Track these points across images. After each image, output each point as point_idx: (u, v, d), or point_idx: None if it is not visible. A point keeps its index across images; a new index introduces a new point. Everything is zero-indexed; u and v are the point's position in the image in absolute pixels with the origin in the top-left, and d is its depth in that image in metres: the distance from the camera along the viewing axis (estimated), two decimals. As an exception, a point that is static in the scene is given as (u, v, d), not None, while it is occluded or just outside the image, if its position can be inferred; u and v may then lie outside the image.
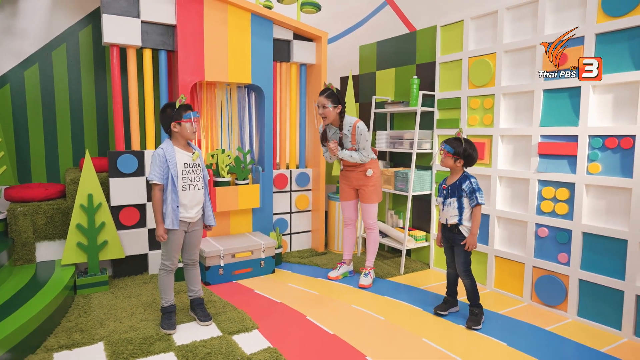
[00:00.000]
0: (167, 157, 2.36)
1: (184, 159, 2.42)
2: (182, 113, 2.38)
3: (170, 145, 2.42)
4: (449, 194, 2.54)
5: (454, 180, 2.53)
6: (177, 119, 2.39)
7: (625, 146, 2.38)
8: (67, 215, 3.20)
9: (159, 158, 2.36)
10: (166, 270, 2.46)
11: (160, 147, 2.40)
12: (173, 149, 2.41)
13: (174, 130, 2.41)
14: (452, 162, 2.51)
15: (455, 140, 2.51)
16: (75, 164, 3.75)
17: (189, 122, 2.39)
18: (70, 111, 3.70)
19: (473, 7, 3.27)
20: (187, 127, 2.40)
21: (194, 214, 2.45)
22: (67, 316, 2.60)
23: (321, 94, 3.05)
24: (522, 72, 2.87)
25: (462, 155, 2.47)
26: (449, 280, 2.71)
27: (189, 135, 2.42)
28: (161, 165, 2.35)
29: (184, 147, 2.46)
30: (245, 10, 3.47)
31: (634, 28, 2.33)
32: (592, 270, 2.55)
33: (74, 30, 3.68)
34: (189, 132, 2.41)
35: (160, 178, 2.36)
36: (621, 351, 2.29)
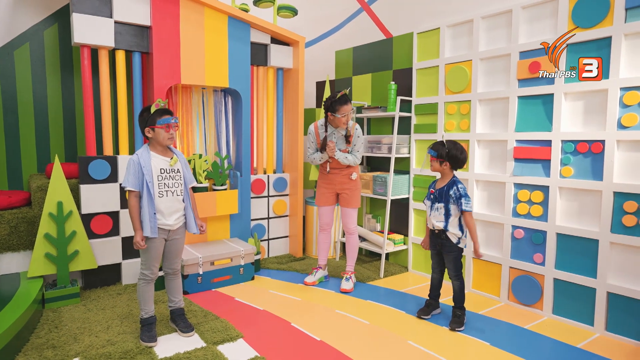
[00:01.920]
0: (141, 162, 2.26)
1: (160, 164, 2.32)
2: (157, 118, 2.27)
3: (147, 151, 2.32)
4: (437, 199, 2.58)
5: (443, 185, 2.57)
6: (151, 124, 2.28)
7: (595, 151, 2.50)
8: (33, 225, 3.02)
9: (133, 164, 2.26)
10: (145, 280, 2.36)
11: (136, 153, 2.30)
12: (149, 154, 2.31)
13: (148, 135, 2.31)
14: (438, 165, 2.55)
15: (438, 143, 2.55)
16: (40, 170, 3.55)
17: (163, 128, 2.28)
18: (34, 114, 3.50)
19: (449, 14, 3.36)
20: (161, 134, 2.29)
21: (173, 221, 2.37)
22: (37, 332, 2.44)
23: (347, 103, 3.00)
24: (497, 80, 2.97)
25: (446, 157, 2.51)
26: (433, 284, 2.75)
27: (163, 141, 2.31)
28: (135, 171, 2.26)
29: (162, 152, 2.36)
30: (222, 13, 3.41)
31: (603, 39, 2.46)
32: (565, 269, 2.66)
33: (38, 29, 3.49)
34: (163, 138, 2.30)
35: (135, 184, 2.26)
36: (595, 346, 2.40)
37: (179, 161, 2.40)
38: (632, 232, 2.38)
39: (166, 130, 2.28)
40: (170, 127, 2.29)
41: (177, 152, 2.45)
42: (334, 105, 3.00)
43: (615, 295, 2.46)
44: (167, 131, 2.29)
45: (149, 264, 2.35)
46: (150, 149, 2.33)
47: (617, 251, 2.45)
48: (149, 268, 2.35)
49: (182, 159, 2.46)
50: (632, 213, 2.37)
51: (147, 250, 2.33)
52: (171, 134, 2.31)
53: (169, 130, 2.29)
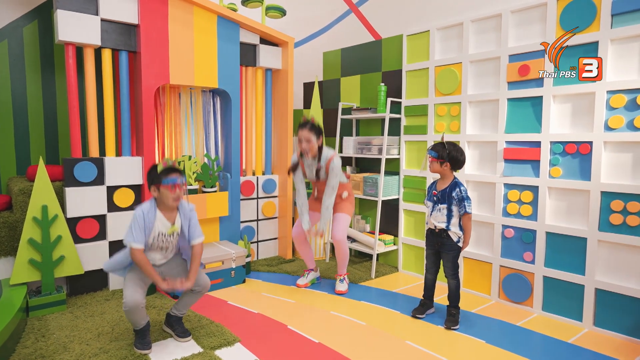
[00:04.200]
0: (146, 220, 2.18)
1: (160, 227, 2.24)
2: (162, 177, 2.17)
3: (153, 208, 2.22)
4: (440, 200, 2.60)
5: (445, 186, 2.59)
6: (157, 183, 2.19)
7: (583, 151, 2.58)
8: (14, 230, 2.90)
9: (138, 219, 2.17)
10: (125, 310, 2.17)
11: (141, 208, 2.20)
12: (155, 214, 2.22)
13: (154, 195, 2.23)
14: (438, 166, 2.57)
15: (438, 144, 2.58)
16: (20, 173, 3.41)
17: (168, 189, 2.17)
18: (13, 114, 3.36)
19: (437, 17, 3.41)
20: (166, 194, 2.19)
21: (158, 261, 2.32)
22: (22, 342, 2.34)
23: (303, 127, 2.92)
24: (487, 82, 3.03)
25: (447, 158, 2.54)
26: (427, 285, 2.78)
27: (169, 203, 2.21)
28: (141, 227, 2.16)
29: (167, 211, 2.25)
30: (211, 12, 3.36)
31: (589, 44, 2.54)
32: (555, 267, 2.74)
33: (17, 25, 3.36)
34: (168, 199, 2.20)
35: (142, 240, 2.17)
36: (584, 341, 2.47)
37: (178, 227, 2.29)
38: (619, 230, 2.46)
39: (171, 190, 2.18)
40: (176, 187, 2.19)
41: (184, 208, 2.31)
42: (297, 129, 2.97)
43: (603, 292, 2.54)
44: (172, 192, 2.18)
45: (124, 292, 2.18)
46: (157, 207, 2.24)
47: (604, 249, 2.54)
48: (124, 297, 2.16)
49: (187, 215, 2.32)
50: (619, 212, 2.46)
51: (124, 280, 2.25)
52: (177, 195, 2.21)
53: (174, 190, 2.19)
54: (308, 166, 3.10)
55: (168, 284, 2.22)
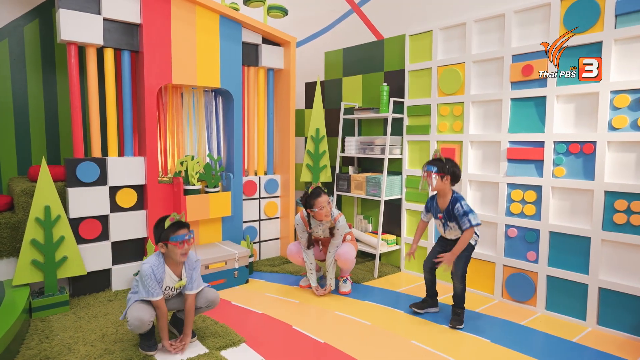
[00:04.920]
0: (156, 276, 2.18)
1: (168, 282, 2.24)
2: (170, 234, 2.15)
3: (162, 265, 2.22)
4: (447, 219, 2.61)
5: (447, 205, 2.59)
6: (164, 239, 2.16)
7: (587, 151, 2.59)
8: (17, 230, 2.88)
9: (149, 276, 2.16)
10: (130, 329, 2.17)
11: (149, 265, 2.18)
12: (164, 270, 2.22)
13: (161, 251, 2.21)
14: (440, 181, 2.54)
15: (435, 160, 2.59)
16: (21, 173, 3.39)
17: (176, 245, 2.15)
18: (14, 114, 3.34)
19: (439, 17, 3.41)
20: (175, 251, 2.17)
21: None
22: (27, 343, 2.33)
23: (321, 194, 2.94)
24: (490, 82, 3.04)
25: (447, 172, 2.53)
26: (428, 285, 2.80)
27: (177, 259, 2.20)
28: (153, 282, 2.16)
29: (174, 265, 2.25)
30: (214, 12, 3.34)
31: (593, 44, 2.55)
32: (558, 266, 2.75)
33: (17, 24, 3.34)
34: (176, 254, 2.18)
35: (159, 292, 2.19)
36: (588, 339, 2.48)
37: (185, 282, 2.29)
38: (623, 230, 2.47)
39: (180, 247, 2.16)
40: (184, 242, 2.17)
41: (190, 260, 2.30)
42: (309, 201, 2.95)
43: (607, 291, 2.55)
44: (180, 248, 2.16)
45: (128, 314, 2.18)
46: (165, 261, 2.23)
47: (608, 248, 2.55)
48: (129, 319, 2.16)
49: (192, 266, 2.30)
50: (623, 211, 2.47)
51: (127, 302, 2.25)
52: (185, 250, 2.19)
53: (182, 246, 2.17)
54: (317, 226, 3.09)
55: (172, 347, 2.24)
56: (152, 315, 2.18)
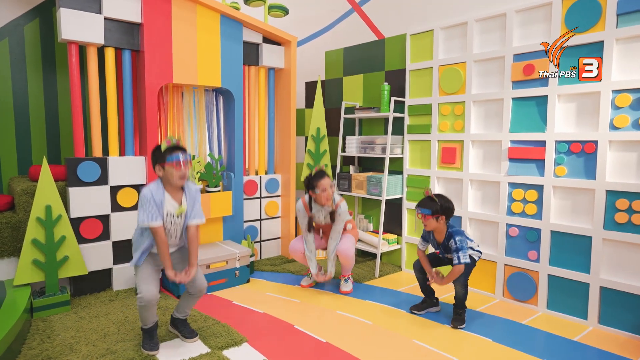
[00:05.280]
0: (156, 200, 2.14)
1: (169, 207, 2.20)
2: (167, 155, 2.12)
3: (161, 189, 2.17)
4: (443, 252, 2.67)
5: (443, 239, 2.63)
6: (161, 162, 2.14)
7: (588, 150, 2.59)
8: (18, 230, 2.88)
9: (147, 199, 2.12)
10: (139, 304, 2.17)
11: (148, 189, 2.15)
12: (163, 195, 2.17)
13: (159, 174, 2.18)
14: (435, 222, 2.56)
15: (427, 200, 2.58)
16: (22, 173, 3.38)
17: (172, 166, 2.11)
18: (14, 114, 3.34)
19: (440, 16, 3.41)
20: (171, 172, 2.13)
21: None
22: (28, 343, 2.32)
23: (323, 177, 2.97)
24: (492, 81, 3.04)
25: (441, 211, 2.55)
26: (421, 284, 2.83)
27: (174, 181, 2.15)
28: (152, 206, 2.12)
29: (173, 192, 2.20)
30: (214, 11, 3.34)
31: (594, 43, 2.55)
32: (559, 265, 2.75)
33: (17, 24, 3.33)
34: (173, 177, 2.14)
35: (159, 218, 2.14)
36: (589, 338, 2.48)
37: (186, 208, 2.25)
38: (624, 229, 2.48)
39: (176, 168, 2.12)
40: (181, 164, 2.13)
41: (189, 188, 2.27)
42: (312, 182, 2.97)
43: (608, 290, 2.56)
44: (177, 169, 2.12)
45: (138, 287, 2.19)
46: (164, 187, 2.19)
47: (609, 247, 2.55)
48: (139, 292, 2.17)
49: (192, 195, 2.28)
50: (624, 210, 2.47)
51: (137, 272, 2.23)
52: (182, 172, 2.15)
53: (179, 168, 2.13)
54: (318, 211, 3.10)
55: (176, 276, 2.20)
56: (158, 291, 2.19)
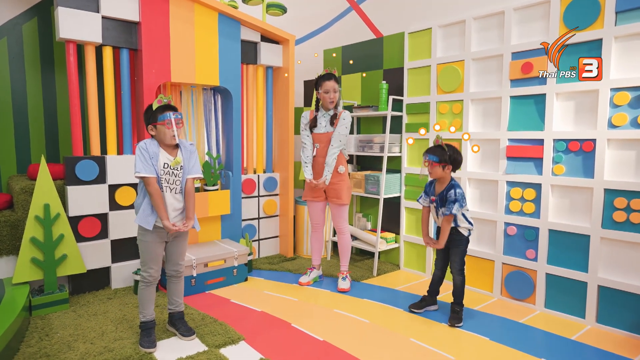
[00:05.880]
0: (149, 152, 2.17)
1: (164, 159, 2.22)
2: (158, 114, 2.16)
3: (155, 143, 2.22)
4: (439, 204, 2.61)
5: (442, 189, 2.59)
6: (153, 121, 2.19)
7: (586, 149, 2.59)
8: (16, 229, 2.89)
9: (141, 151, 2.15)
10: (144, 283, 2.28)
11: (143, 141, 2.20)
12: (157, 147, 2.21)
13: (151, 133, 2.22)
14: (441, 170, 2.55)
15: (437, 147, 2.57)
16: (21, 171, 3.39)
17: (164, 125, 2.15)
18: (13, 113, 3.35)
19: (438, 15, 3.41)
20: (163, 131, 2.16)
21: (171, 220, 2.26)
22: (26, 341, 2.33)
23: (331, 78, 3.04)
24: (490, 80, 3.03)
25: (449, 161, 2.54)
26: (434, 280, 2.80)
27: (167, 140, 2.19)
28: (145, 159, 2.15)
29: (167, 149, 2.24)
30: (212, 10, 3.34)
31: (593, 41, 2.54)
32: (557, 264, 2.75)
33: (16, 23, 3.34)
34: (167, 136, 2.17)
35: (151, 170, 2.15)
36: (587, 337, 2.48)
37: (182, 160, 2.27)
38: (622, 228, 2.47)
39: (168, 127, 2.16)
40: (172, 122, 2.16)
41: (184, 145, 2.31)
42: (319, 81, 3.05)
43: (606, 289, 2.55)
44: (168, 128, 2.16)
45: (145, 265, 2.27)
46: (158, 143, 2.23)
47: (607, 246, 2.54)
48: (146, 270, 2.27)
49: (188, 150, 2.31)
50: (622, 209, 2.46)
51: (143, 250, 2.26)
52: (173, 131, 2.17)
53: (170, 127, 2.16)
54: (322, 116, 3.12)
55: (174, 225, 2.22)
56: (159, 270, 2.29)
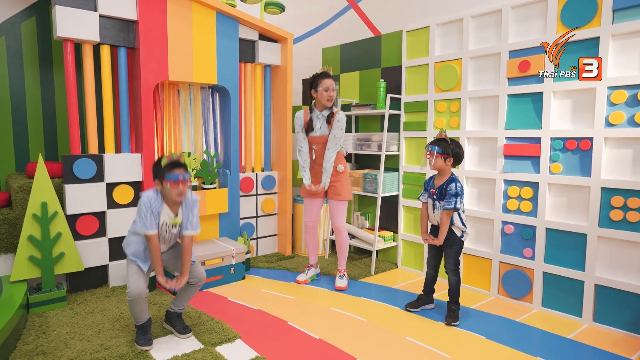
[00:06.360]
0: (153, 209, 2.18)
1: (165, 216, 2.24)
2: (166, 173, 2.15)
3: (160, 199, 2.21)
4: (438, 197, 2.59)
5: (442, 182, 2.58)
6: (160, 177, 2.17)
7: (583, 147, 2.58)
8: (14, 227, 2.90)
9: (145, 206, 2.16)
10: (129, 299, 2.20)
11: (147, 197, 2.18)
12: (162, 205, 2.22)
13: (157, 188, 2.22)
14: (442, 162, 2.55)
15: (441, 140, 2.57)
16: (19, 170, 3.40)
17: (170, 184, 2.14)
18: (11, 111, 3.35)
19: (437, 13, 3.40)
20: (169, 190, 2.16)
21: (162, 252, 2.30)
22: (24, 338, 2.34)
23: (328, 77, 2.97)
24: (487, 78, 3.02)
25: (452, 154, 2.54)
26: (427, 280, 2.79)
27: (172, 198, 2.19)
28: (149, 213, 2.16)
29: (172, 205, 2.24)
30: (210, 8, 3.34)
31: (590, 40, 2.54)
32: (554, 263, 2.74)
33: (14, 22, 3.34)
34: (171, 194, 2.17)
35: (155, 227, 2.18)
36: (584, 336, 2.48)
37: (180, 220, 2.29)
38: (619, 226, 2.47)
39: (174, 187, 2.15)
40: (179, 183, 2.16)
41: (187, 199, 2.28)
42: (316, 80, 2.99)
43: (603, 287, 2.55)
44: (174, 188, 2.15)
45: (128, 282, 2.22)
46: (162, 198, 2.24)
47: (604, 245, 2.54)
48: (128, 286, 2.19)
49: (189, 207, 2.30)
50: (619, 208, 2.46)
51: (131, 272, 2.23)
52: (180, 191, 2.17)
53: (177, 186, 2.15)
54: (316, 118, 3.07)
55: (167, 282, 2.23)
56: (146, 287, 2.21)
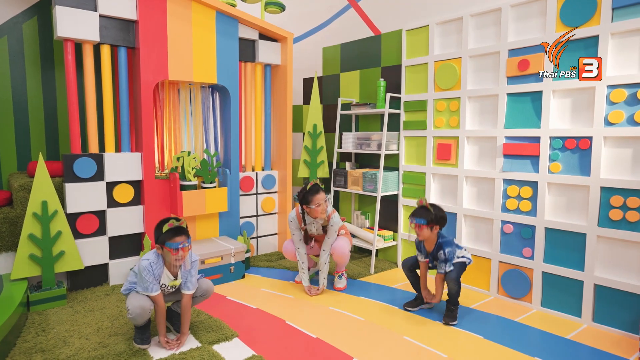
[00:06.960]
0: (154, 273, 2.21)
1: (164, 279, 2.28)
2: (166, 240, 2.18)
3: (161, 262, 2.26)
4: (431, 261, 2.72)
5: (432, 249, 2.68)
6: (161, 243, 2.20)
7: (583, 147, 2.57)
8: (15, 225, 2.92)
9: (147, 271, 2.19)
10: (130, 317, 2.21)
11: (148, 262, 2.21)
12: (162, 268, 2.26)
13: (158, 251, 2.25)
14: (429, 231, 2.60)
15: (422, 209, 2.61)
16: (21, 169, 3.43)
17: (170, 252, 2.18)
18: (13, 111, 3.38)
19: (436, 12, 3.39)
20: (169, 256, 2.20)
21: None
22: (23, 336, 2.36)
23: (319, 192, 2.92)
24: (487, 77, 3.01)
25: (435, 221, 2.58)
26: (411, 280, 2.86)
27: (170, 263, 2.24)
28: (151, 277, 2.20)
29: (171, 267, 2.27)
30: (210, 8, 3.35)
31: (590, 38, 2.52)
32: (554, 262, 2.73)
33: (16, 22, 3.37)
34: (170, 260, 2.22)
35: (157, 287, 2.23)
36: (583, 336, 2.46)
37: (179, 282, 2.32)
38: (619, 226, 2.45)
39: (174, 254, 2.18)
40: (179, 250, 2.19)
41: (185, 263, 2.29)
42: (307, 197, 2.92)
43: (602, 287, 2.53)
44: (174, 254, 2.19)
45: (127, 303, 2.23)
46: (163, 262, 2.28)
47: (604, 244, 2.52)
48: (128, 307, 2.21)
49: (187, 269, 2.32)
50: (619, 207, 2.44)
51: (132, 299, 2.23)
52: (180, 256, 2.21)
53: (177, 253, 2.19)
54: (311, 223, 3.08)
55: (168, 344, 2.26)
56: (151, 304, 2.23)
